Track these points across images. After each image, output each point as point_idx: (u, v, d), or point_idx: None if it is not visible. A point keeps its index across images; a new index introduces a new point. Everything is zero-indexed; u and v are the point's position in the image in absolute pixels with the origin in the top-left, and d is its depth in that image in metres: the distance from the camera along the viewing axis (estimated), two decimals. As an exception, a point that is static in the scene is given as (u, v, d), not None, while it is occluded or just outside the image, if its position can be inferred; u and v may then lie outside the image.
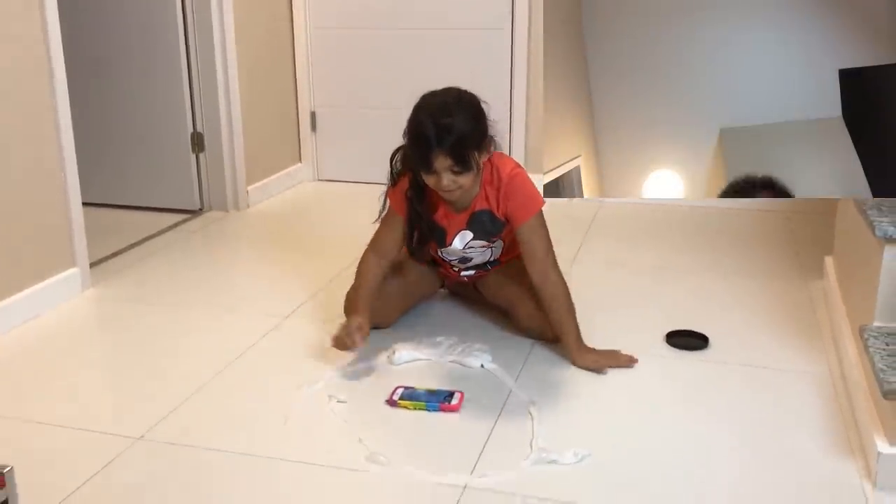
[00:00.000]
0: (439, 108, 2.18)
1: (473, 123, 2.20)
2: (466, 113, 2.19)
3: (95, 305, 2.85)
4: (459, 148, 2.15)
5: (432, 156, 2.15)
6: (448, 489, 1.79)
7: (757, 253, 3.21)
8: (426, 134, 2.15)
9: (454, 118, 2.15)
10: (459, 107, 2.19)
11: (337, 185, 4.33)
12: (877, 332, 1.95)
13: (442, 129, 2.14)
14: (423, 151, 2.17)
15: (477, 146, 2.20)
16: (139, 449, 1.96)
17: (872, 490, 1.77)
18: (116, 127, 3.78)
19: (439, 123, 2.14)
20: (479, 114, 2.23)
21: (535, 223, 2.32)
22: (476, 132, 2.20)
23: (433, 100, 2.23)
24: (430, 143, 2.15)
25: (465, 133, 2.15)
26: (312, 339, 2.51)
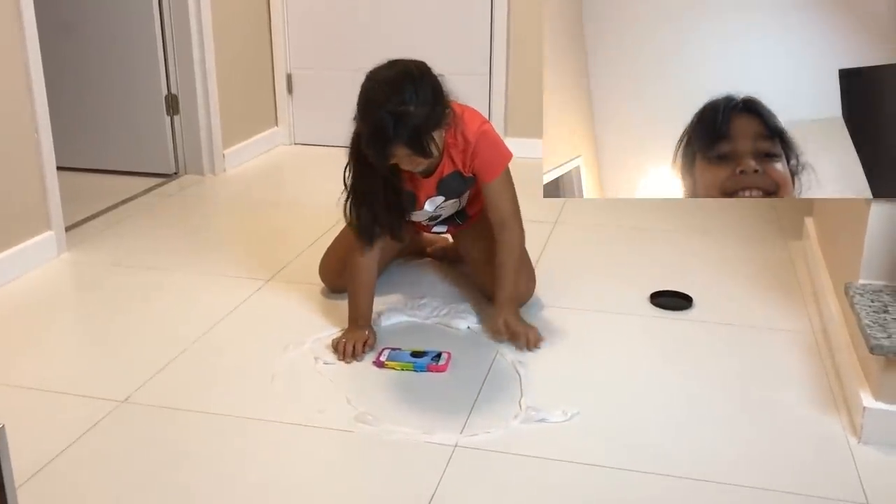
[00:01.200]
0: (393, 94, 1.99)
1: (430, 107, 2.02)
2: (422, 97, 2.00)
3: (71, 269, 2.80)
4: (418, 137, 2.00)
5: (390, 149, 2.01)
6: (438, 448, 1.79)
7: (738, 214, 3.23)
8: (381, 128, 1.97)
9: (409, 105, 1.97)
10: (414, 88, 2.00)
11: (313, 149, 4.28)
12: (862, 289, 1.96)
13: (398, 121, 1.96)
14: (380, 145, 2.01)
15: (436, 127, 2.06)
16: (124, 412, 1.93)
17: (857, 444, 1.79)
18: (90, 90, 3.70)
19: (394, 113, 1.96)
20: (436, 93, 2.06)
21: (501, 181, 2.25)
22: (434, 115, 2.04)
23: (384, 85, 2.02)
24: (386, 137, 1.98)
25: (421, 121, 1.99)
26: (296, 301, 2.49)
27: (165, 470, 1.73)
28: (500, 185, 2.26)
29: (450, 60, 4.01)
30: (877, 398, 1.79)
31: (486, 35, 3.97)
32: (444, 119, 2.09)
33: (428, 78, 2.06)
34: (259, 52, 4.13)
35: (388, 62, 2.10)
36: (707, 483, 1.68)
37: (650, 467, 1.73)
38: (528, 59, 3.96)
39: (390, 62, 2.09)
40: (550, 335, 2.27)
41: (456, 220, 2.48)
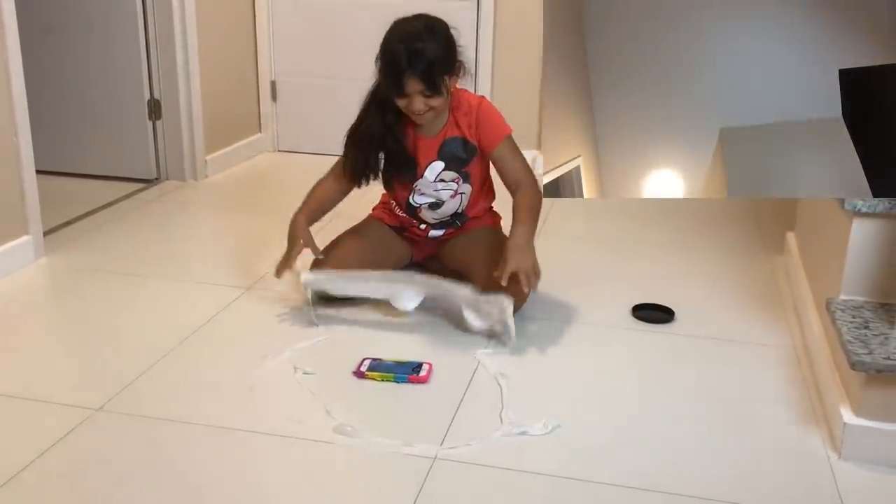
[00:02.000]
0: (411, 34, 2.23)
1: (445, 50, 2.26)
2: (438, 39, 2.24)
3: (49, 274, 2.77)
4: (431, 72, 2.21)
5: (404, 79, 2.21)
6: (418, 461, 1.77)
7: (720, 229, 3.24)
8: (398, 58, 2.21)
9: (425, 43, 2.21)
10: (431, 33, 2.24)
11: (297, 157, 4.26)
12: (843, 304, 1.96)
13: (413, 54, 2.20)
14: (395, 75, 2.23)
15: (448, 71, 2.27)
16: (98, 420, 1.90)
17: (837, 459, 1.79)
18: (71, 93, 3.67)
19: (411, 48, 2.20)
20: (450, 40, 2.29)
21: (507, 146, 2.39)
22: (447, 57, 2.26)
23: (405, 25, 2.27)
24: (401, 67, 2.20)
25: (436, 58, 2.22)
26: (276, 310, 2.46)
27: (140, 480, 1.70)
28: (508, 149, 2.39)
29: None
30: (857, 414, 1.79)
31: (470, 44, 3.96)
32: (454, 67, 2.30)
33: (445, 30, 2.29)
34: (243, 58, 4.11)
35: (414, 15, 2.32)
36: (686, 498, 1.67)
37: (630, 481, 1.72)
38: (514, 65, 3.97)
39: (416, 15, 2.32)
40: (532, 347, 2.26)
41: (455, 222, 2.52)
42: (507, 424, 1.89)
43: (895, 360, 1.72)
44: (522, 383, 2.08)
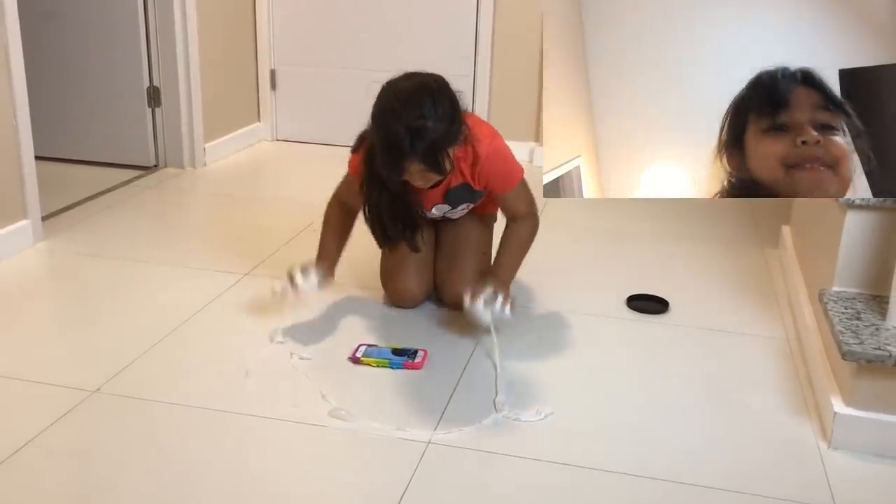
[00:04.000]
0: (409, 109, 1.95)
1: (448, 124, 1.98)
2: (440, 112, 1.96)
3: (47, 258, 2.78)
4: (433, 152, 1.96)
5: (405, 162, 1.97)
6: (411, 445, 1.78)
7: (716, 221, 3.25)
8: (397, 141, 1.94)
9: (427, 121, 1.94)
10: (432, 105, 1.96)
11: (295, 146, 4.27)
12: (836, 296, 1.98)
13: (415, 135, 1.93)
14: (394, 158, 1.98)
15: (451, 144, 2.02)
16: (95, 402, 1.92)
17: (827, 448, 1.81)
18: (71, 79, 3.67)
19: (412, 128, 1.93)
20: (454, 108, 2.02)
21: (519, 191, 2.24)
22: (451, 130, 2.00)
23: (400, 96, 1.98)
24: (402, 151, 1.95)
25: (439, 136, 1.96)
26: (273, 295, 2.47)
27: (136, 461, 1.72)
28: (516, 194, 2.24)
29: (434, 61, 4.03)
30: (847, 404, 1.81)
31: (470, 36, 3.97)
32: (460, 136, 2.05)
33: (446, 92, 2.02)
34: (243, 47, 4.12)
35: (406, 74, 2.04)
36: (678, 485, 1.69)
37: (622, 468, 1.74)
38: (513, 60, 3.97)
39: (408, 74, 2.04)
40: (527, 336, 2.27)
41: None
42: (500, 411, 1.90)
43: (885, 350, 1.74)
44: (516, 371, 2.09)
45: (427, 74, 2.04)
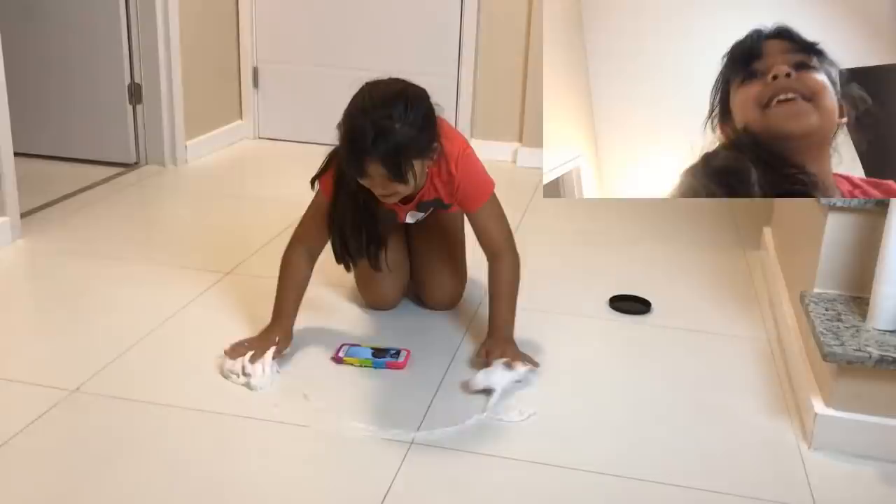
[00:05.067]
0: (381, 106, 1.87)
1: (419, 131, 1.90)
2: (412, 116, 1.88)
3: (26, 256, 2.75)
4: (397, 157, 1.87)
5: (365, 161, 1.88)
6: (394, 445, 1.78)
7: (698, 223, 3.27)
8: (360, 136, 1.85)
9: (395, 122, 1.86)
10: (405, 107, 1.88)
11: (278, 144, 4.25)
12: (817, 297, 1.99)
13: (379, 134, 1.85)
14: (355, 154, 1.89)
15: (420, 155, 1.94)
16: (74, 401, 1.90)
17: (808, 450, 1.82)
18: (51, 75, 3.64)
19: (378, 126, 1.85)
20: (427, 119, 1.94)
21: (488, 208, 2.12)
22: (420, 140, 1.92)
23: (376, 93, 1.91)
24: (363, 147, 1.86)
25: (406, 141, 1.87)
26: (254, 295, 2.46)
27: (115, 460, 1.70)
28: (487, 212, 2.12)
29: (417, 59, 4.06)
30: (828, 405, 1.82)
31: (455, 36, 3.97)
32: (429, 151, 1.96)
33: (423, 103, 1.94)
34: (225, 44, 4.09)
35: (390, 78, 1.97)
36: (658, 485, 1.69)
37: (603, 468, 1.74)
38: (497, 61, 3.98)
39: (392, 79, 1.97)
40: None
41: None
42: (483, 411, 1.90)
43: (865, 351, 1.75)
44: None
45: (409, 83, 1.97)
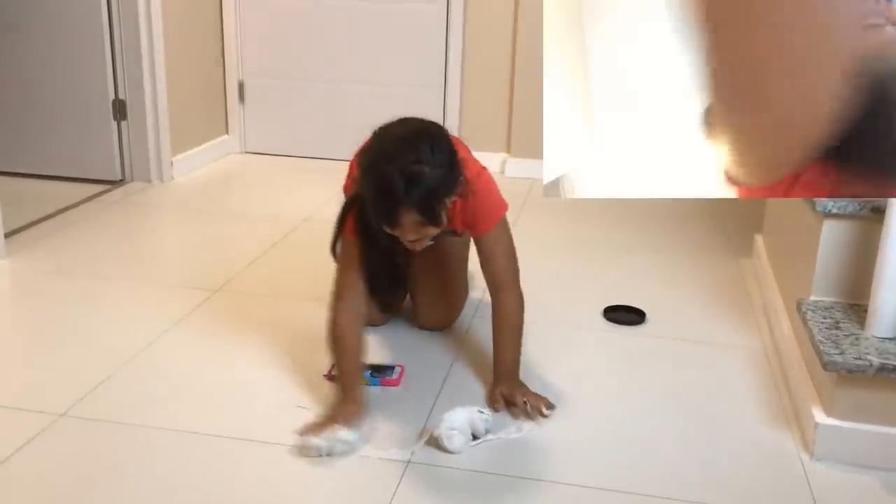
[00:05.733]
0: (404, 153, 1.78)
1: (446, 170, 1.82)
2: (438, 158, 1.80)
3: (10, 276, 2.70)
4: (430, 201, 1.79)
5: (400, 211, 1.78)
6: (391, 465, 1.75)
7: (689, 232, 3.25)
8: (391, 186, 1.75)
9: (424, 166, 1.77)
10: (429, 150, 1.79)
11: (264, 158, 4.22)
12: (814, 305, 1.97)
13: (410, 181, 1.75)
14: (387, 206, 1.79)
15: (449, 193, 1.85)
16: (62, 426, 1.85)
17: (810, 460, 1.80)
18: (34, 92, 3.60)
19: (407, 172, 1.75)
20: (452, 156, 1.85)
21: (497, 233, 2.02)
22: (448, 180, 1.83)
23: (394, 139, 1.83)
24: (396, 198, 1.76)
25: (435, 185, 1.78)
26: (242, 313, 2.43)
27: (104, 486, 1.66)
28: (496, 238, 2.03)
29: (404, 72, 4.04)
30: (828, 414, 1.80)
31: (440, 47, 3.96)
32: (457, 186, 1.87)
33: (445, 139, 1.86)
34: (211, 59, 4.06)
35: (399, 119, 1.89)
36: (659, 499, 1.67)
37: (603, 482, 1.71)
38: (484, 71, 3.96)
39: (402, 119, 1.89)
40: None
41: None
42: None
43: (866, 359, 1.73)
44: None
45: (423, 120, 1.89)
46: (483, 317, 2.35)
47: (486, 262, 2.04)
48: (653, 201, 3.62)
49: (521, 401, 1.93)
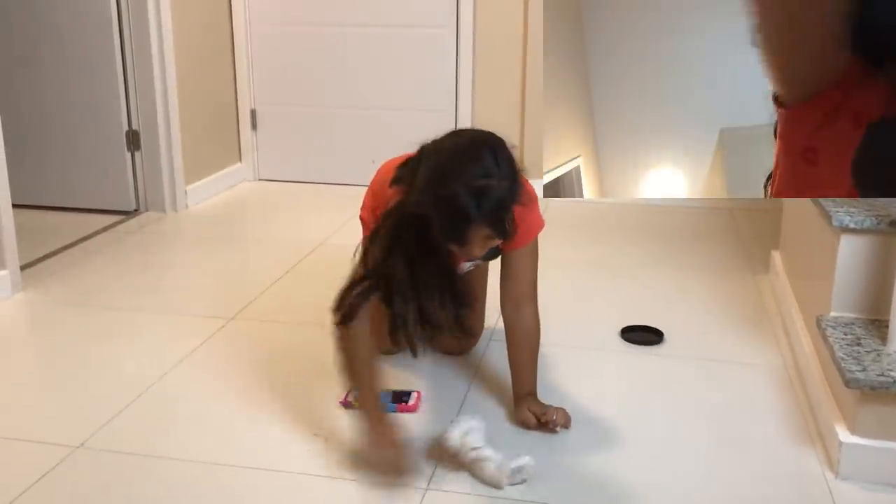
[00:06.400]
0: (471, 167, 1.69)
1: (511, 181, 1.72)
2: (503, 169, 1.70)
3: (27, 309, 2.71)
4: (500, 216, 1.71)
5: (471, 228, 1.70)
6: (409, 492, 1.73)
7: (704, 249, 3.23)
8: (460, 204, 1.66)
9: (491, 180, 1.68)
10: (494, 161, 1.70)
11: (278, 185, 4.23)
12: (834, 322, 1.95)
13: (480, 197, 1.66)
14: (458, 224, 1.70)
15: (515, 204, 1.76)
16: (79, 458, 1.85)
17: (835, 479, 1.77)
18: (48, 125, 3.62)
19: (475, 187, 1.66)
20: (512, 163, 1.75)
21: (528, 250, 1.99)
22: (514, 190, 1.74)
23: (457, 156, 1.72)
24: (467, 215, 1.67)
25: (504, 197, 1.70)
26: (258, 341, 2.42)
27: (123, 519, 1.65)
28: (525, 255, 1.99)
29: (415, 96, 4.05)
30: (853, 432, 1.77)
31: (451, 69, 3.97)
32: (521, 195, 1.78)
33: (505, 147, 1.76)
34: (223, 88, 4.09)
35: (451, 132, 1.81)
36: (685, 523, 1.64)
37: (627, 507, 1.69)
38: (495, 93, 3.96)
39: (454, 132, 1.81)
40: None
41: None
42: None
43: (889, 376, 1.70)
44: (511, 411, 2.04)
45: (478, 130, 1.81)
46: (500, 340, 2.33)
47: (512, 277, 1.99)
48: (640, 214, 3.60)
49: (553, 417, 1.92)
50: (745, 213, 3.65)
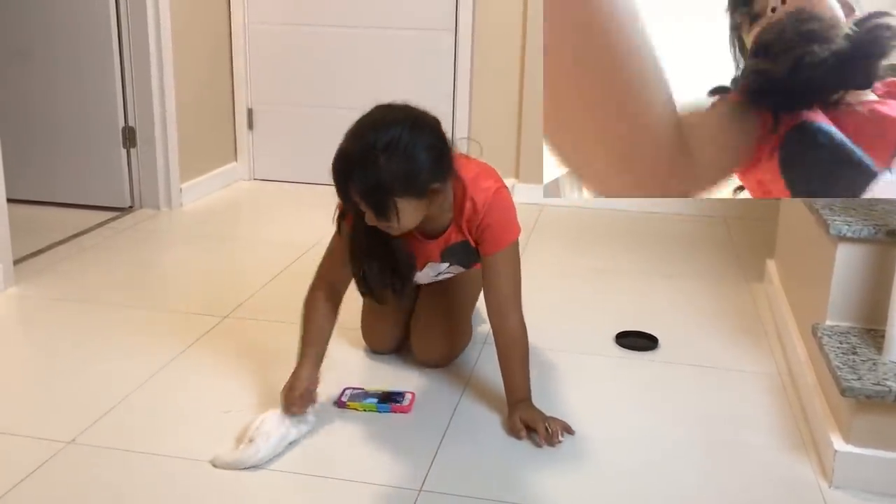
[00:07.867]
0: (370, 136, 1.74)
1: (407, 171, 1.73)
2: (405, 151, 1.72)
3: (18, 304, 2.69)
4: (375, 195, 1.74)
5: (346, 189, 1.76)
6: (403, 493, 1.72)
7: (699, 256, 3.23)
8: (344, 161, 1.74)
9: (379, 157, 1.71)
10: (397, 144, 1.73)
11: (273, 185, 4.22)
12: (830, 330, 1.95)
13: (359, 165, 1.72)
14: (337, 179, 1.76)
15: (406, 194, 1.76)
16: (70, 453, 1.84)
17: (829, 488, 1.77)
18: (44, 119, 3.61)
19: (361, 155, 1.72)
20: (429, 154, 1.77)
21: (506, 254, 1.97)
22: (407, 183, 1.74)
23: (375, 119, 1.79)
24: (343, 174, 1.74)
25: (386, 181, 1.72)
26: (251, 339, 2.41)
27: (114, 516, 1.64)
28: (503, 260, 1.97)
29: (412, 97, 4.03)
30: (847, 441, 1.77)
31: (449, 73, 3.96)
32: (425, 194, 1.79)
33: (426, 136, 1.78)
34: (220, 86, 4.08)
35: (405, 104, 1.84)
36: (679, 529, 1.64)
37: (620, 512, 1.68)
38: (493, 96, 3.96)
39: (406, 105, 1.84)
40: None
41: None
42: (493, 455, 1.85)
43: (885, 385, 1.70)
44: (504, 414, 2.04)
45: (424, 113, 1.83)
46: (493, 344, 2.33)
47: (491, 283, 1.98)
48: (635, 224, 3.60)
49: (543, 427, 1.90)
50: (739, 222, 3.66)
